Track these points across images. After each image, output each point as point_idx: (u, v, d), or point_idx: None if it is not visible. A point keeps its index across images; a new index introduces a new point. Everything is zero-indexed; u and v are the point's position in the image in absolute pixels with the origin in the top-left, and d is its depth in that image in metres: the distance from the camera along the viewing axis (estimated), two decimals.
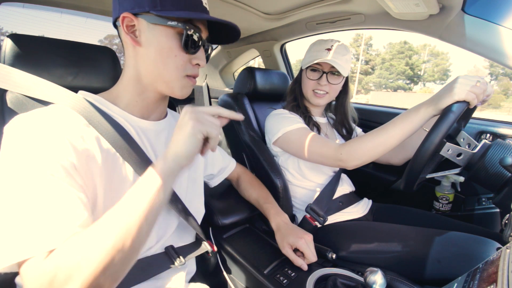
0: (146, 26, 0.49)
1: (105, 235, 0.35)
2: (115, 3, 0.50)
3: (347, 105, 1.06)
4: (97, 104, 0.50)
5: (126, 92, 0.54)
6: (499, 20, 0.77)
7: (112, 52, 0.74)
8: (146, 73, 0.52)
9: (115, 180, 0.47)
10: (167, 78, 0.52)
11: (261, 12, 1.28)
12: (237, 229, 0.85)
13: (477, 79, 0.63)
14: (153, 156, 0.55)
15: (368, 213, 1.02)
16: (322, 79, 0.94)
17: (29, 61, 0.61)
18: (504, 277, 0.32)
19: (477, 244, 0.71)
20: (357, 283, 0.59)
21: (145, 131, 0.55)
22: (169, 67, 0.51)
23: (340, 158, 0.78)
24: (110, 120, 0.49)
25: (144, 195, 0.39)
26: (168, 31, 0.49)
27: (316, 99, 0.97)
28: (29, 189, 0.36)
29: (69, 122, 0.44)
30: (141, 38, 0.49)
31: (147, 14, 0.48)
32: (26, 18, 13.51)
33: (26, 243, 0.33)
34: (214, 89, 2.17)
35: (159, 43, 0.49)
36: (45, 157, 0.38)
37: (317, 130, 0.98)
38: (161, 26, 0.48)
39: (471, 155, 0.66)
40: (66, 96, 0.50)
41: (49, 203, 0.36)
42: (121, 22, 0.48)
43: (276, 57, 1.70)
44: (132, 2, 0.48)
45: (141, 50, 0.50)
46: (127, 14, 0.48)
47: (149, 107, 0.56)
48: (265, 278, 0.65)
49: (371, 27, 1.16)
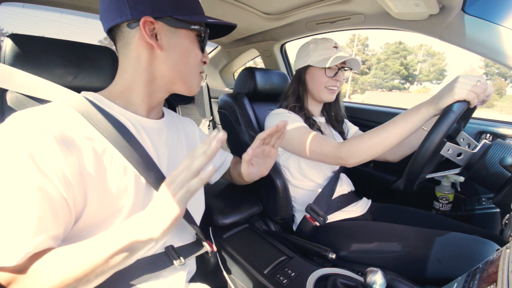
0: (167, 30, 0.50)
1: (73, 262, 0.38)
2: (119, 5, 0.48)
3: (340, 100, 1.10)
4: (97, 102, 0.50)
5: (132, 92, 0.53)
6: (499, 20, 0.77)
7: (112, 52, 0.74)
8: (163, 75, 0.53)
9: (111, 178, 0.47)
10: (188, 78, 0.55)
11: (261, 12, 1.28)
12: (237, 229, 0.85)
13: (477, 79, 0.63)
14: (154, 154, 0.54)
15: (367, 212, 1.02)
16: (338, 75, 0.97)
17: (29, 61, 0.61)
18: (504, 277, 0.32)
19: (477, 244, 0.71)
20: (357, 283, 0.59)
21: (146, 128, 0.55)
22: (190, 67, 0.54)
23: (340, 156, 0.78)
24: (110, 118, 0.49)
25: (104, 252, 0.39)
26: (190, 34, 0.53)
27: (329, 95, 0.99)
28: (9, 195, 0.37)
29: (65, 121, 0.44)
30: (162, 41, 0.50)
31: (168, 18, 0.49)
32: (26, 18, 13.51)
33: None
34: (214, 89, 2.17)
35: (183, 46, 0.52)
36: (24, 157, 0.38)
37: (317, 129, 0.98)
38: (183, 29, 0.51)
39: (471, 155, 0.66)
40: (66, 95, 0.49)
41: (14, 211, 0.37)
42: (142, 26, 0.48)
43: (276, 57, 1.70)
44: (150, 6, 0.48)
45: (161, 53, 0.51)
46: (149, 18, 0.48)
47: (153, 106, 0.57)
48: (265, 278, 0.65)
49: (371, 27, 1.16)
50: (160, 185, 0.51)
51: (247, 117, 1.12)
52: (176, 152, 0.62)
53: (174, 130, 0.63)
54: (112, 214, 0.47)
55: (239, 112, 1.12)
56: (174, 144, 0.61)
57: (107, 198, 0.46)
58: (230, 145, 1.27)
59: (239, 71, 1.62)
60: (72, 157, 0.42)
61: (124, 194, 0.48)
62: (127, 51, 0.52)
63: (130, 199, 0.48)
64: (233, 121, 1.12)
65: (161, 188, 0.40)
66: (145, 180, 0.51)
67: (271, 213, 0.95)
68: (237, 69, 2.19)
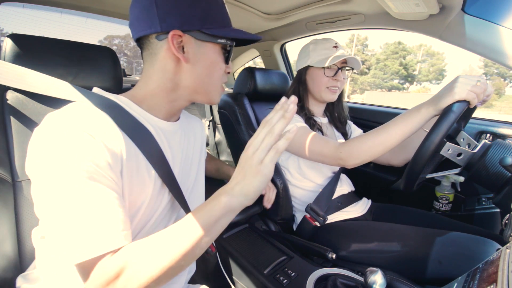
0: (194, 43, 0.50)
1: (165, 251, 0.38)
2: (150, 17, 0.49)
3: (343, 101, 1.10)
4: (119, 103, 0.50)
5: (154, 99, 0.54)
6: (499, 20, 0.77)
7: (112, 52, 0.74)
8: (186, 86, 0.53)
9: (135, 178, 0.47)
10: (210, 89, 0.55)
11: (261, 12, 1.28)
12: (237, 229, 0.85)
13: (477, 79, 0.63)
14: (170, 156, 0.55)
15: (367, 212, 1.02)
16: (338, 75, 0.96)
17: (29, 61, 0.61)
18: (504, 277, 0.32)
19: (477, 244, 0.71)
20: (357, 283, 0.59)
21: (164, 131, 0.56)
22: (214, 79, 0.54)
23: (340, 156, 0.78)
24: (131, 118, 0.49)
25: (201, 225, 0.39)
26: (216, 47, 0.52)
27: (331, 95, 0.99)
28: (76, 193, 0.38)
29: (99, 120, 0.44)
30: (189, 54, 0.50)
31: (196, 31, 0.49)
32: (26, 18, 13.51)
33: (94, 242, 0.37)
34: None
35: (209, 59, 0.52)
36: (84, 160, 0.39)
37: (319, 130, 0.98)
38: (210, 43, 0.51)
39: (471, 155, 0.66)
40: (89, 94, 0.49)
41: (100, 207, 0.38)
42: (171, 39, 0.48)
43: (276, 57, 1.71)
44: (179, 20, 0.48)
45: (187, 65, 0.51)
46: (177, 32, 0.48)
47: (173, 112, 0.57)
48: (265, 278, 0.65)
49: (371, 27, 1.16)
50: (171, 187, 0.53)
51: (247, 117, 1.12)
52: (187, 154, 0.62)
53: (186, 132, 0.64)
54: (132, 213, 0.48)
55: (239, 112, 1.12)
56: (185, 147, 0.62)
57: (132, 197, 0.47)
58: (230, 145, 1.27)
59: (239, 71, 1.62)
60: (115, 158, 0.43)
61: (144, 194, 0.49)
62: (154, 60, 0.52)
63: (147, 199, 0.49)
64: (233, 121, 1.12)
65: (243, 159, 0.41)
66: (161, 181, 0.52)
67: (271, 213, 0.95)
68: (237, 69, 2.19)
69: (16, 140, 0.61)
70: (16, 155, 0.60)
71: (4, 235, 0.57)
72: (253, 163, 0.39)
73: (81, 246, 0.36)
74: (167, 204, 0.55)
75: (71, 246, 0.37)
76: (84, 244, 0.37)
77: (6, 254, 0.56)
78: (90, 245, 0.37)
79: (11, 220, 0.58)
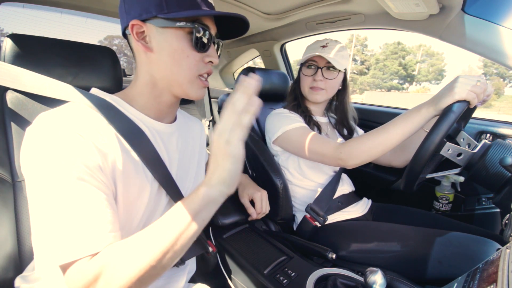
0: (155, 31, 0.48)
1: (143, 250, 0.37)
2: (122, 13, 0.50)
3: (346, 103, 1.06)
4: (114, 104, 0.50)
5: (142, 96, 0.53)
6: (499, 20, 0.77)
7: (112, 52, 0.73)
8: (160, 78, 0.52)
9: (132, 180, 0.47)
10: (181, 80, 0.51)
11: (261, 12, 1.28)
12: (237, 229, 0.85)
13: (477, 79, 0.63)
14: (166, 158, 0.55)
15: (367, 212, 1.02)
16: (317, 74, 0.95)
17: (29, 61, 0.61)
18: (504, 277, 0.32)
19: (477, 244, 0.71)
20: (357, 283, 0.59)
21: (160, 133, 0.55)
22: (182, 69, 0.50)
23: (340, 157, 0.78)
24: (127, 120, 0.49)
25: (180, 220, 0.39)
26: (178, 33, 0.48)
27: (313, 95, 0.97)
28: (63, 194, 0.37)
29: (92, 121, 0.44)
30: (152, 43, 0.49)
31: (155, 18, 0.47)
32: (26, 18, 13.50)
33: (73, 245, 0.36)
34: (214, 89, 2.17)
35: (171, 46, 0.49)
36: (73, 161, 0.38)
37: (317, 129, 0.98)
38: (170, 28, 0.48)
39: (471, 155, 0.66)
40: (84, 95, 0.49)
41: (84, 209, 0.38)
42: (131, 30, 0.48)
43: (276, 57, 1.70)
44: (138, 9, 0.47)
45: (153, 55, 0.50)
46: (136, 22, 0.48)
47: (164, 110, 0.56)
48: (265, 278, 0.65)
49: (371, 27, 1.16)
50: (169, 189, 0.52)
51: None
52: (185, 156, 0.62)
53: (184, 134, 0.63)
54: (130, 216, 0.48)
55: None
56: (183, 149, 0.61)
57: (129, 199, 0.46)
58: None
59: (239, 71, 1.62)
60: (106, 159, 0.42)
61: (142, 196, 0.49)
62: (134, 56, 0.53)
63: (145, 201, 0.49)
64: None
65: (213, 146, 0.40)
66: (158, 183, 0.51)
67: (271, 213, 0.95)
68: (237, 69, 2.19)
69: (16, 140, 0.61)
70: (16, 155, 0.60)
71: (4, 235, 0.57)
72: (220, 146, 0.38)
73: (61, 248, 0.36)
74: (165, 206, 0.54)
75: (52, 248, 0.36)
76: (63, 247, 0.36)
77: (6, 254, 0.56)
78: (68, 248, 0.36)
79: (11, 220, 0.58)
